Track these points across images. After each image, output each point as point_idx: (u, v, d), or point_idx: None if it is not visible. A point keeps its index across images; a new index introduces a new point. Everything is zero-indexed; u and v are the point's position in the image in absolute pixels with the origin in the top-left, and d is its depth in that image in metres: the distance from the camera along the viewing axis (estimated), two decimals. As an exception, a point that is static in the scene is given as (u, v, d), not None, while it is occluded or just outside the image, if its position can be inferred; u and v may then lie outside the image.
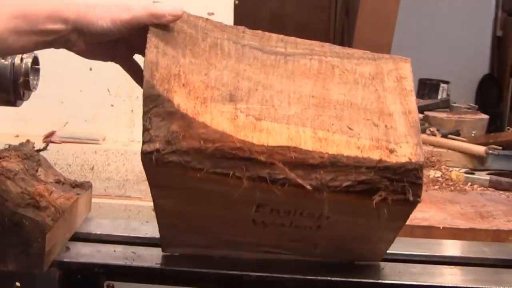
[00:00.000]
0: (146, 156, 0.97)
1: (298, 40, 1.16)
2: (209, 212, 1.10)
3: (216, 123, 0.98)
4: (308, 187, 0.99)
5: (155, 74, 0.98)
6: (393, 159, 1.00)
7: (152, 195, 1.08)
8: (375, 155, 1.01)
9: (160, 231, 1.19)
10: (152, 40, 1.01)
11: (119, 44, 1.07)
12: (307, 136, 1.01)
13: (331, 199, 1.01)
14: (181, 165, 0.98)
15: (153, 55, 1.00)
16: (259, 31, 1.14)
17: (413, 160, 1.00)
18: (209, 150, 0.97)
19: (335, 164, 1.00)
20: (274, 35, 1.14)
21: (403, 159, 1.00)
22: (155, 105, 0.96)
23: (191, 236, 1.19)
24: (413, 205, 1.03)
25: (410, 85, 1.13)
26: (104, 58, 1.09)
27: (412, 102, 1.10)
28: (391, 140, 1.03)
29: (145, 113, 0.96)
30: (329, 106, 1.07)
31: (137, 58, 1.10)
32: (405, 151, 1.02)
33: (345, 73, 1.13)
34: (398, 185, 1.01)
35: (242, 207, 1.06)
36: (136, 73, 1.08)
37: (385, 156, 1.01)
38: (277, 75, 1.09)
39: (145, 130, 0.96)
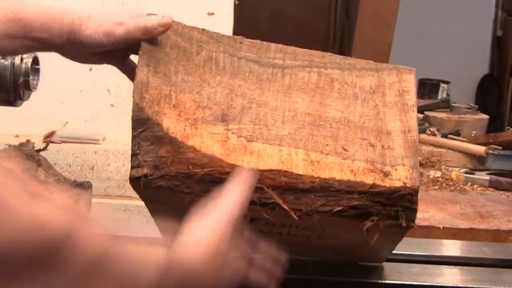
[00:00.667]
0: (134, 181, 0.96)
1: (298, 50, 1.12)
2: None
3: (205, 146, 0.97)
4: (295, 216, 0.98)
5: (145, 96, 0.97)
6: (387, 183, 0.98)
7: (147, 207, 1.08)
8: (369, 179, 0.99)
9: (160, 232, 1.19)
10: (144, 58, 1.00)
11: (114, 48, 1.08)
12: (299, 159, 1.00)
13: (323, 219, 0.99)
14: (170, 189, 0.96)
15: (144, 75, 0.99)
16: (258, 41, 1.11)
17: (408, 185, 0.98)
18: (198, 175, 0.96)
19: (327, 189, 0.98)
20: (273, 45, 1.12)
21: (398, 183, 0.98)
22: (144, 129, 0.95)
23: None
24: (406, 229, 1.01)
25: (412, 99, 1.10)
26: (99, 62, 1.09)
27: (413, 119, 1.08)
28: (386, 163, 1.01)
29: (133, 138, 0.95)
30: (324, 125, 1.05)
31: (134, 57, 1.10)
32: (400, 175, 0.99)
33: (344, 87, 1.10)
34: (391, 210, 0.98)
35: None
36: (132, 74, 1.08)
37: (379, 180, 0.99)
38: (272, 90, 1.07)
39: (134, 155, 0.94)
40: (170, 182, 0.96)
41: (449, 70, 4.18)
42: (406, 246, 1.34)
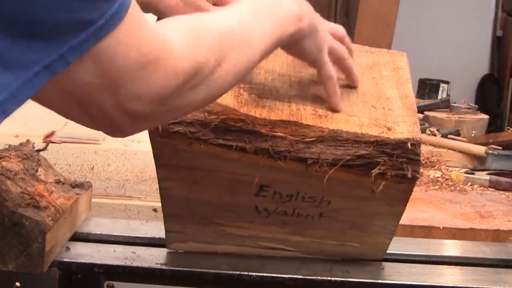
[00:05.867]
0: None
1: None
2: (213, 198, 1.13)
3: (220, 98, 1.02)
4: (308, 160, 1.03)
5: None
6: (391, 136, 1.04)
7: (158, 178, 1.12)
8: (374, 132, 1.04)
9: (165, 223, 1.20)
10: None
11: None
12: (307, 113, 1.06)
13: (331, 176, 1.04)
14: (186, 136, 1.02)
15: None
16: None
17: (411, 137, 1.04)
18: (213, 122, 1.02)
19: (335, 138, 1.04)
20: None
21: (401, 136, 1.04)
22: None
23: (195, 230, 1.20)
24: (411, 182, 1.06)
25: (406, 74, 1.18)
26: None
27: (409, 88, 1.15)
28: (388, 120, 1.07)
29: None
30: None
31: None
32: (402, 129, 1.05)
33: None
34: (397, 161, 1.04)
35: (245, 191, 1.09)
36: None
37: (384, 133, 1.05)
38: (278, 62, 1.15)
39: None
40: (187, 129, 1.02)
41: (449, 70, 4.17)
42: (406, 246, 1.34)
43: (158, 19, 1.10)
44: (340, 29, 1.14)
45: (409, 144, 1.03)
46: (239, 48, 0.86)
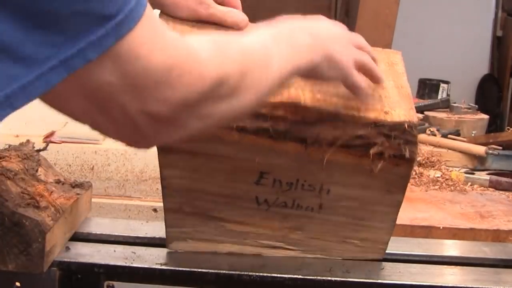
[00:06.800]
0: None
1: None
2: (213, 189, 1.15)
3: None
4: (308, 139, 1.07)
5: None
6: (388, 118, 1.08)
7: (160, 166, 1.13)
8: (372, 115, 1.08)
9: (165, 220, 1.20)
10: (163, 16, 1.10)
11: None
12: (306, 97, 1.09)
13: (330, 159, 1.07)
14: None
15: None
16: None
17: (407, 119, 1.08)
18: None
19: (334, 120, 1.07)
20: None
21: (397, 119, 1.08)
22: None
23: (195, 226, 1.20)
24: (409, 164, 1.10)
25: (401, 69, 1.22)
26: None
27: (404, 81, 1.18)
28: (385, 105, 1.10)
29: None
30: None
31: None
32: (399, 113, 1.09)
33: None
34: (395, 142, 1.08)
35: (245, 179, 1.12)
36: None
37: (381, 116, 1.08)
38: None
39: None
40: None
41: (449, 70, 4.16)
42: (406, 246, 1.34)
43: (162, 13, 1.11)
44: (361, 40, 1.13)
45: (406, 125, 1.07)
46: (261, 68, 0.85)
